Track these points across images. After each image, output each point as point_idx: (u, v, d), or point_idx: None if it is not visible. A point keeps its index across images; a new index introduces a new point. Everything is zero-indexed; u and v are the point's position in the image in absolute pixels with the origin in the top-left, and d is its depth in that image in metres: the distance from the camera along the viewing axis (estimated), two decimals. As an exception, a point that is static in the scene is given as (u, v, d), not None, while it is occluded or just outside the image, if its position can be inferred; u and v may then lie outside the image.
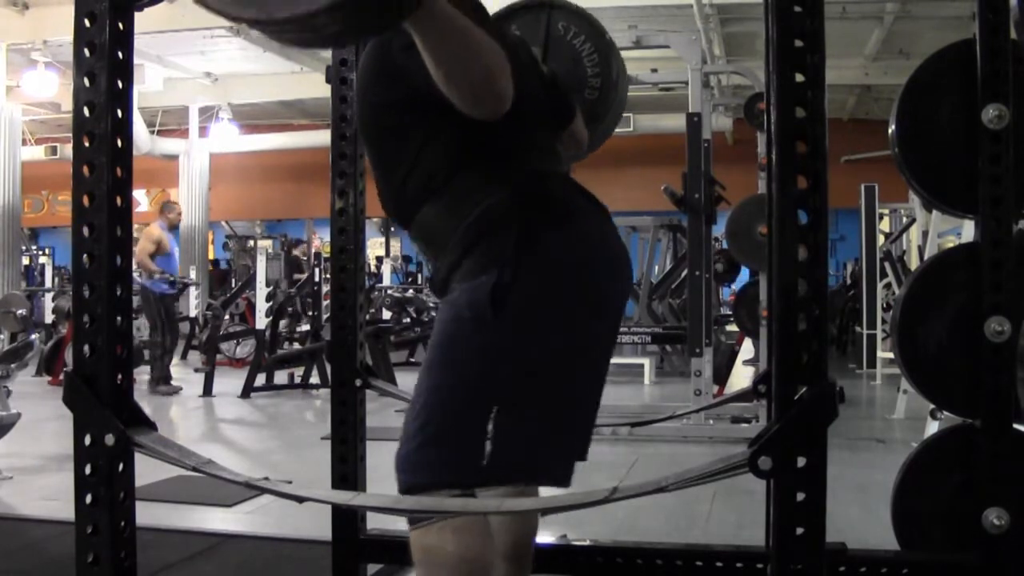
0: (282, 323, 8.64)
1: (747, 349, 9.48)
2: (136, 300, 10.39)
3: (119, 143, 1.43)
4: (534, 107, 1.64)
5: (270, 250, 12.92)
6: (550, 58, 2.04)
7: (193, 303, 10.66)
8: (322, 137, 12.07)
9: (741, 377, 7.91)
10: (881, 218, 10.20)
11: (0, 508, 3.77)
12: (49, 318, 10.75)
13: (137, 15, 1.47)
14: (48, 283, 12.02)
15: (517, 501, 1.43)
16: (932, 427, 3.99)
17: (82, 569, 1.42)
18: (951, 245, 4.47)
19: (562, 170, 1.75)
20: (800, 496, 1.18)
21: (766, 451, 1.18)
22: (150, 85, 12.87)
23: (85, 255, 1.42)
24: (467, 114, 1.43)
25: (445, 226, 1.59)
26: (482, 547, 1.50)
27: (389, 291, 10.60)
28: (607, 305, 1.61)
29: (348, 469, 2.28)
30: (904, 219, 10.53)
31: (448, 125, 1.51)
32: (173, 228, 9.06)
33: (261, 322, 7.77)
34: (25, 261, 14.99)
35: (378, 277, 11.95)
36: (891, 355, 5.75)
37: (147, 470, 1.64)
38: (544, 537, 2.44)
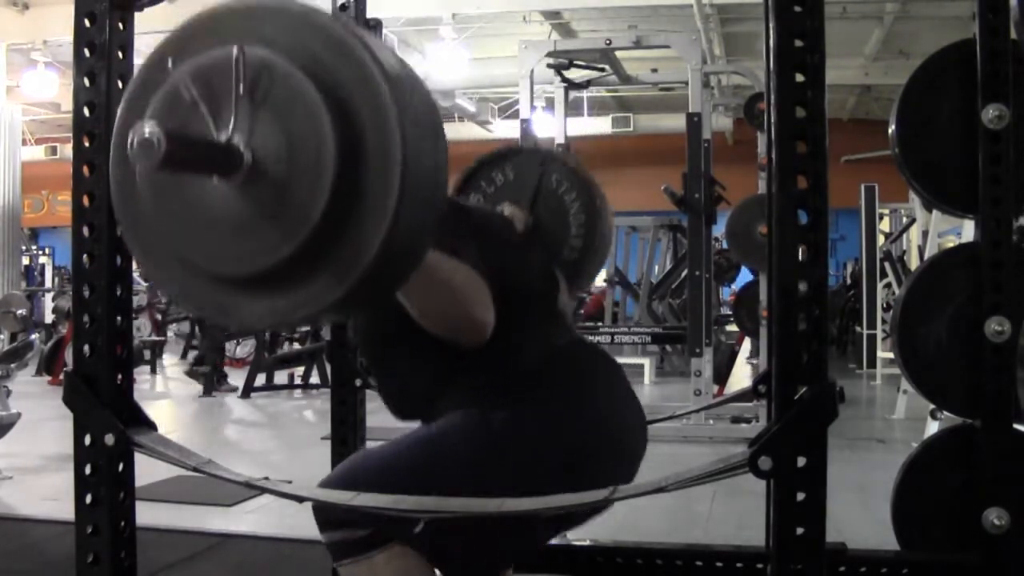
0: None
1: (747, 347, 9.49)
2: (136, 300, 10.40)
3: (119, 143, 1.43)
4: (520, 294, 1.63)
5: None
6: (537, 207, 2.05)
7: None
8: (322, 137, 12.03)
9: (742, 376, 7.91)
10: (881, 218, 10.20)
11: (0, 508, 3.77)
12: (49, 318, 10.76)
13: (137, 15, 1.47)
14: (48, 283, 12.04)
15: (517, 501, 1.42)
16: (932, 427, 3.99)
17: (82, 569, 1.42)
18: (951, 245, 4.48)
19: (568, 333, 1.76)
20: (800, 496, 1.18)
21: (766, 451, 1.18)
22: (150, 85, 12.83)
23: (85, 255, 1.42)
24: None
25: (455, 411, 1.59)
26: (419, 571, 1.51)
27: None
28: (600, 475, 1.60)
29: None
30: (904, 219, 10.53)
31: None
32: None
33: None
34: (25, 261, 14.98)
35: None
36: (891, 355, 5.75)
37: (147, 470, 1.64)
38: (544, 537, 2.44)
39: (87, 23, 1.41)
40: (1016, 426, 1.95)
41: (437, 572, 1.57)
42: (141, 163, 0.98)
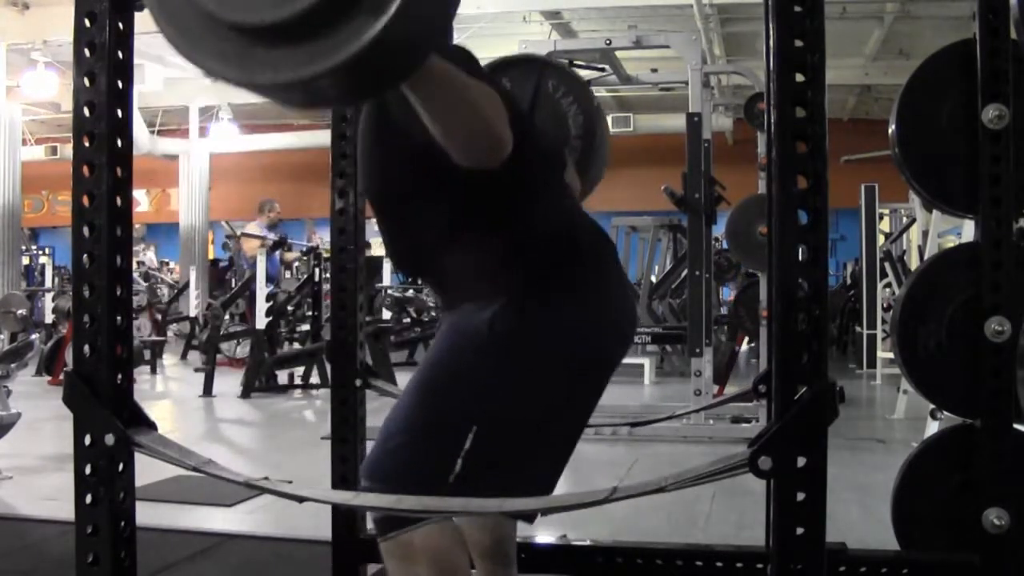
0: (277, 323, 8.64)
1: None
2: (136, 300, 10.39)
3: (119, 143, 1.43)
4: (535, 148, 1.64)
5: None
6: (536, 115, 2.05)
7: (193, 303, 10.66)
8: (322, 137, 12.07)
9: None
10: (881, 218, 10.20)
11: (0, 508, 3.77)
12: (49, 318, 10.74)
13: (137, 15, 1.46)
14: (48, 283, 12.02)
15: (517, 501, 1.42)
16: (932, 427, 3.99)
17: (82, 569, 1.42)
18: (951, 245, 4.47)
19: (573, 207, 1.76)
20: (800, 496, 1.18)
21: (766, 451, 1.18)
22: (150, 85, 12.88)
23: (85, 255, 1.42)
24: (466, 165, 1.44)
25: (460, 274, 1.61)
26: (455, 554, 1.53)
27: (389, 291, 10.59)
28: (605, 363, 1.65)
29: (348, 469, 2.28)
30: (904, 219, 10.53)
31: (458, 176, 1.50)
32: (273, 227, 9.08)
33: (261, 322, 7.77)
34: (25, 261, 14.99)
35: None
36: (891, 355, 5.76)
37: (147, 470, 1.64)
38: (544, 537, 2.45)
39: (87, 23, 1.41)
40: (1016, 426, 1.95)
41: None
42: None
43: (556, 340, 1.56)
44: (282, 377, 8.11)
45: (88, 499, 1.41)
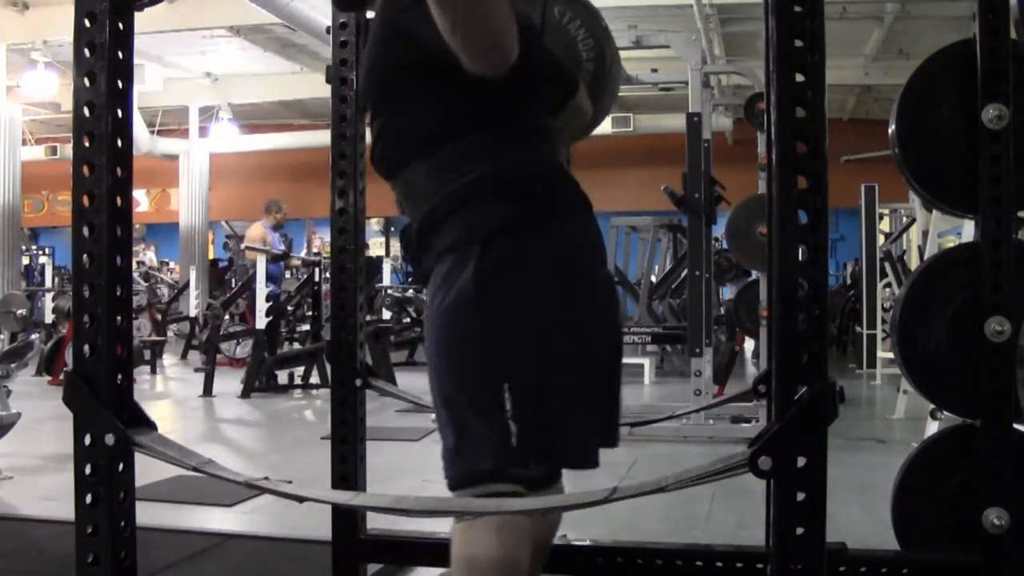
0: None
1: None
2: (136, 300, 10.38)
3: (119, 143, 1.43)
4: (538, 71, 1.63)
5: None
6: (545, 40, 2.04)
7: (193, 303, 10.66)
8: (322, 137, 12.08)
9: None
10: (881, 218, 10.20)
11: (0, 508, 3.77)
12: (49, 318, 10.75)
13: (137, 15, 1.47)
14: (48, 283, 12.02)
15: (518, 501, 1.42)
16: (932, 427, 3.98)
17: (82, 569, 1.42)
18: (951, 245, 4.47)
19: (559, 156, 1.73)
20: (800, 496, 1.18)
21: (766, 451, 1.18)
22: (150, 85, 12.88)
23: (85, 255, 1.42)
24: (470, 69, 1.43)
25: (431, 184, 1.57)
26: (521, 548, 1.50)
27: (389, 291, 10.59)
28: (595, 277, 1.61)
29: (348, 469, 2.28)
30: (904, 219, 10.53)
31: (451, 89, 1.51)
32: (278, 228, 9.04)
33: (261, 322, 7.77)
34: (25, 261, 14.99)
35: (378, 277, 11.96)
36: (891, 355, 5.76)
37: (147, 470, 1.64)
38: (544, 537, 2.44)
39: (87, 23, 1.41)
40: (1016, 426, 1.95)
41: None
42: None
43: (543, 267, 1.52)
44: (282, 377, 8.10)
45: (88, 499, 1.41)
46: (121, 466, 1.43)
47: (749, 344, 9.19)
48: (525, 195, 1.55)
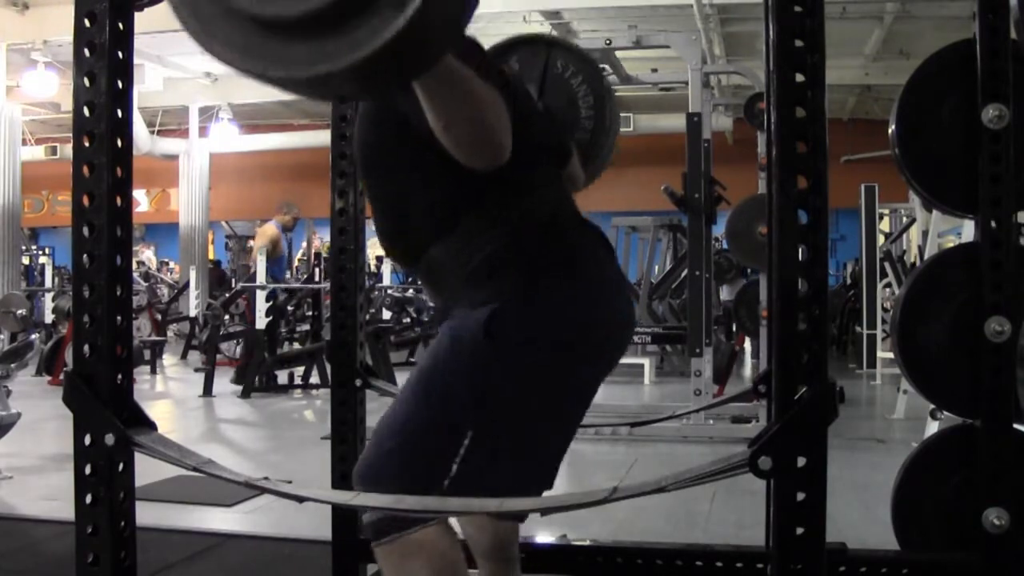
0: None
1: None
2: (136, 300, 10.39)
3: (119, 143, 1.43)
4: (536, 143, 1.63)
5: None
6: (546, 95, 2.04)
7: (193, 303, 10.67)
8: (322, 137, 12.07)
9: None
10: (881, 218, 10.20)
11: (0, 508, 3.77)
12: (49, 318, 10.75)
13: (137, 15, 1.46)
14: (48, 283, 12.03)
15: (518, 501, 1.42)
16: (932, 427, 3.99)
17: (82, 569, 1.42)
18: (951, 245, 4.47)
19: (569, 204, 1.74)
20: (800, 496, 1.18)
21: (766, 451, 1.18)
22: (150, 85, 12.88)
23: (85, 255, 1.41)
24: (463, 162, 1.43)
25: (452, 268, 1.59)
26: (453, 555, 1.52)
27: (389, 291, 10.60)
28: (600, 353, 1.63)
29: (348, 469, 2.27)
30: (904, 219, 10.54)
31: (452, 167, 1.49)
32: (288, 230, 9.00)
33: (261, 322, 7.77)
34: (25, 261, 14.98)
35: (378, 277, 11.97)
36: (891, 355, 5.76)
37: (147, 470, 1.64)
38: (544, 537, 2.45)
39: (87, 23, 1.41)
40: (1016, 426, 1.95)
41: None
42: None
43: (551, 342, 1.54)
44: (282, 377, 8.11)
45: (88, 499, 1.41)
46: (121, 466, 1.43)
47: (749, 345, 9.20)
48: (537, 256, 1.56)
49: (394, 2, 0.97)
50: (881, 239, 9.37)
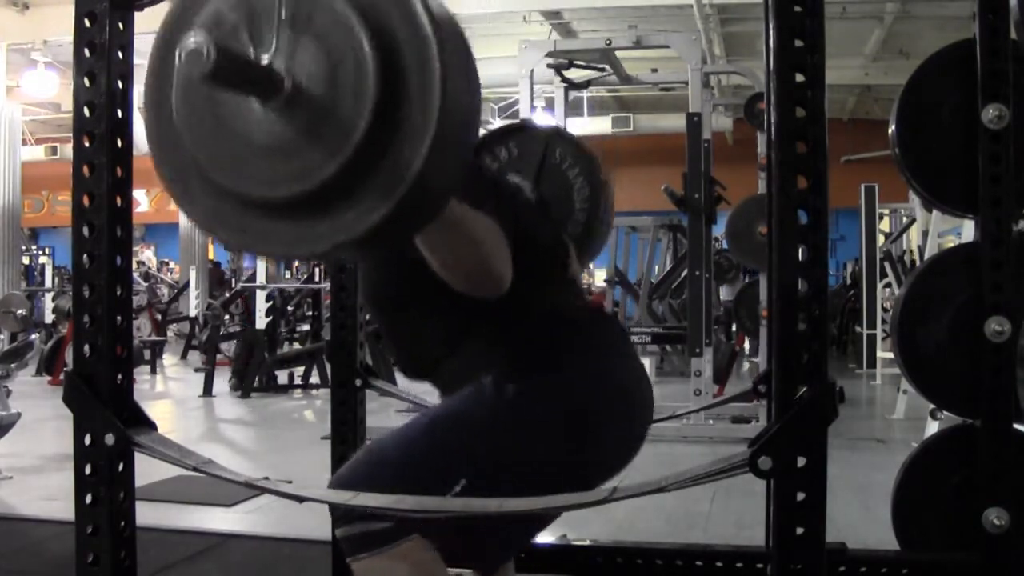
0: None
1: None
2: (136, 300, 10.38)
3: (119, 143, 1.43)
4: (540, 252, 1.64)
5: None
6: (542, 184, 2.05)
7: (193, 303, 10.67)
8: (322, 137, 12.03)
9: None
10: (881, 218, 10.20)
11: (0, 508, 3.77)
12: (49, 318, 10.75)
13: (137, 15, 1.47)
14: (48, 283, 12.03)
15: (518, 501, 1.42)
16: (932, 427, 3.99)
17: (82, 569, 1.42)
18: (951, 245, 4.47)
19: (581, 298, 1.76)
20: (800, 496, 1.18)
21: (766, 451, 1.17)
22: (150, 85, 12.83)
23: (85, 255, 1.41)
24: (463, 292, 1.43)
25: (467, 376, 1.59)
26: (435, 565, 1.51)
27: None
28: (607, 447, 1.62)
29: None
30: (904, 219, 10.53)
31: (459, 295, 1.49)
32: None
33: (261, 322, 7.77)
34: (25, 261, 14.98)
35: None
36: (891, 355, 5.76)
37: (147, 470, 1.64)
38: (544, 537, 2.45)
39: (87, 23, 1.41)
40: (1016, 426, 1.95)
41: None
42: (189, 72, 0.97)
43: (565, 420, 1.54)
44: (282, 377, 8.10)
45: (88, 499, 1.41)
46: (121, 466, 1.43)
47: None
48: (554, 353, 1.58)
49: (380, 191, 0.99)
50: (881, 239, 9.38)
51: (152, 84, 1.13)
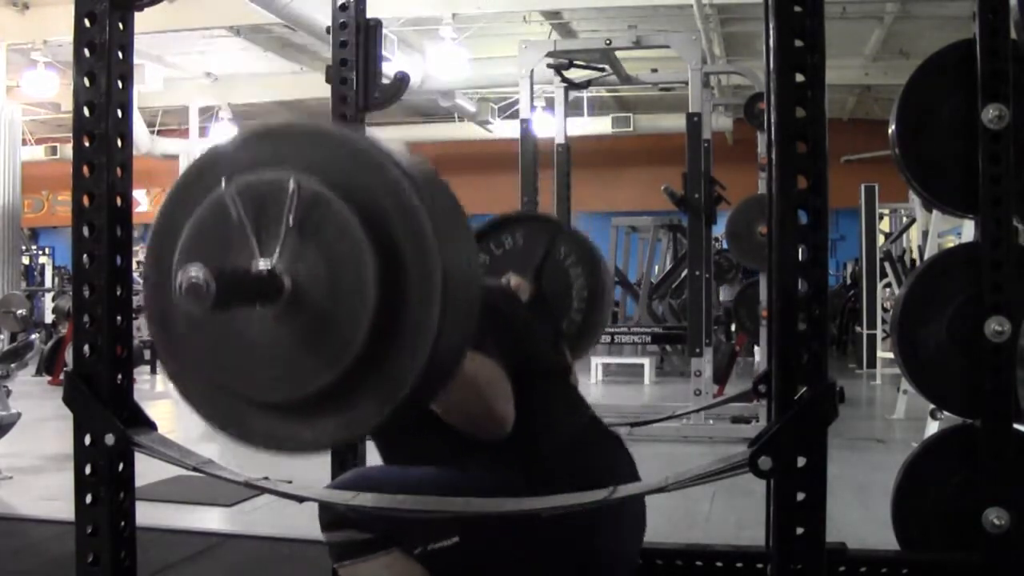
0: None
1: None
2: (136, 300, 10.35)
3: (119, 143, 1.43)
4: (540, 374, 1.65)
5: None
6: (543, 278, 2.07)
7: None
8: (322, 137, 12.02)
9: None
10: (881, 218, 10.20)
11: (0, 508, 3.77)
12: (49, 318, 10.75)
13: (137, 15, 1.47)
14: (48, 283, 12.03)
15: (518, 501, 1.42)
16: (932, 427, 3.99)
17: (82, 569, 1.42)
18: (951, 245, 4.47)
19: (583, 416, 1.77)
20: (800, 496, 1.18)
21: (766, 451, 1.18)
22: (150, 85, 12.84)
23: (85, 255, 1.42)
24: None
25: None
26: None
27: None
28: (601, 563, 1.64)
29: (348, 469, 2.27)
30: (904, 219, 10.53)
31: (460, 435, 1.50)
32: None
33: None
34: (25, 261, 14.97)
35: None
36: (891, 355, 5.76)
37: (147, 470, 1.64)
38: (544, 537, 2.44)
39: (87, 23, 1.41)
40: (1016, 426, 1.95)
41: None
42: (191, 307, 0.99)
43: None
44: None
45: (88, 499, 1.41)
46: (121, 466, 1.43)
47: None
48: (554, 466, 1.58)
49: (377, 396, 1.01)
50: (881, 239, 9.37)
51: (153, 285, 1.14)
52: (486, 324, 1.49)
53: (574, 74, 6.27)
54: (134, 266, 1.53)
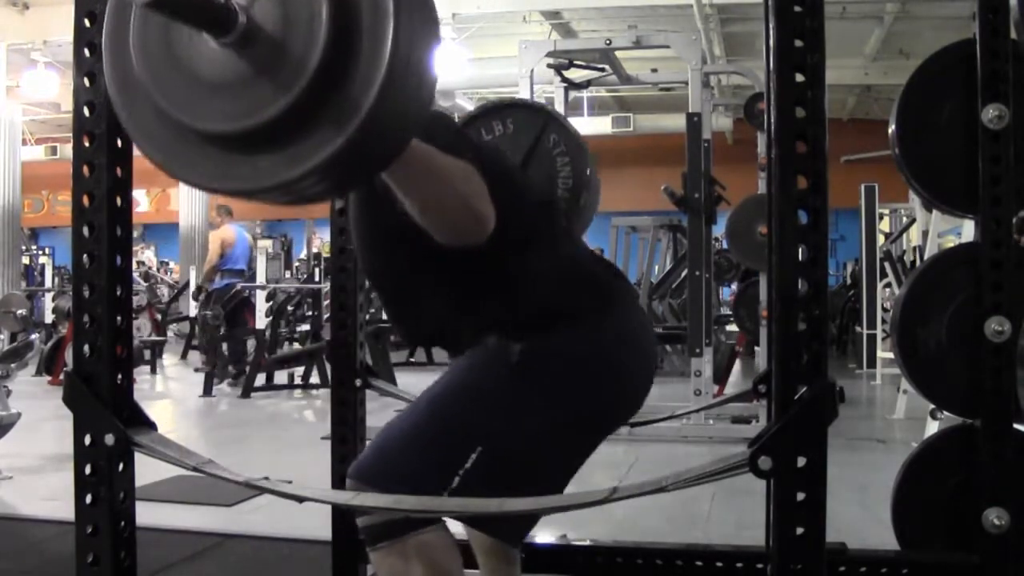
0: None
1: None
2: (136, 300, 10.36)
3: (119, 143, 1.43)
4: (528, 204, 1.64)
5: (270, 250, 12.95)
6: (530, 164, 2.05)
7: (193, 303, 10.66)
8: (322, 137, 12.02)
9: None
10: (881, 218, 10.20)
11: (0, 508, 3.77)
12: (49, 318, 10.75)
13: (137, 15, 1.46)
14: (48, 283, 12.02)
15: (517, 501, 1.42)
16: (932, 427, 3.99)
17: (82, 569, 1.42)
18: (951, 245, 4.47)
19: (584, 250, 1.77)
20: (800, 496, 1.18)
21: (766, 451, 1.18)
22: (150, 85, 12.83)
23: (85, 255, 1.42)
24: (448, 243, 1.42)
25: (474, 333, 1.62)
26: (450, 563, 1.52)
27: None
28: (627, 392, 1.69)
29: (348, 469, 2.27)
30: (904, 219, 10.53)
31: (456, 264, 1.50)
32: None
33: (261, 322, 7.77)
34: (25, 261, 14.98)
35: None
36: (891, 355, 5.76)
37: (147, 470, 1.64)
38: (544, 537, 2.45)
39: (87, 23, 1.41)
40: (1016, 426, 1.95)
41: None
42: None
43: (576, 370, 1.57)
44: (282, 377, 8.10)
45: (88, 499, 1.41)
46: (121, 466, 1.43)
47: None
48: (572, 305, 1.60)
49: (334, 121, 0.99)
50: (881, 239, 9.37)
51: (112, 18, 1.12)
52: (468, 146, 1.48)
53: (574, 74, 6.27)
54: (134, 266, 1.53)
